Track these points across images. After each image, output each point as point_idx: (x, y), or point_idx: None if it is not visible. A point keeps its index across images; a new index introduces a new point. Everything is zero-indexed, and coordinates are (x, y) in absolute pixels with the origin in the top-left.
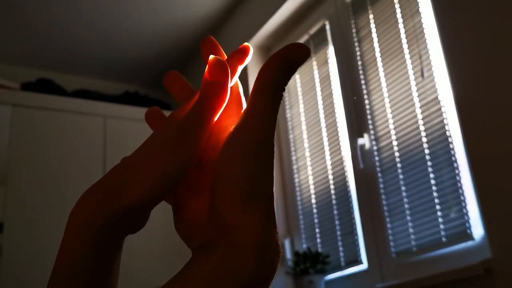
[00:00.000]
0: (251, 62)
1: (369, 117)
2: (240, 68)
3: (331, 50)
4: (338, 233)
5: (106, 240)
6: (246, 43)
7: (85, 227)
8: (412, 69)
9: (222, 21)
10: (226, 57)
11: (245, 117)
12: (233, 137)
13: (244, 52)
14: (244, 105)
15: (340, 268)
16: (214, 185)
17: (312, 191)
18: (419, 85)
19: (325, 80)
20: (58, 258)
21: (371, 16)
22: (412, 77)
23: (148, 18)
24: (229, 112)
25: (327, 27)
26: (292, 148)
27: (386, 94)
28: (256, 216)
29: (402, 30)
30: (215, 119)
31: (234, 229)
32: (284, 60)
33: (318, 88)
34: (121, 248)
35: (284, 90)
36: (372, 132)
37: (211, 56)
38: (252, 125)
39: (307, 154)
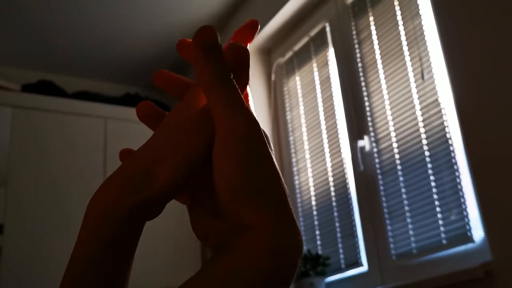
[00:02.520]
0: (252, 63)
1: (369, 119)
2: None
3: (331, 52)
4: (338, 235)
5: (128, 228)
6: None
7: (108, 216)
8: (412, 71)
9: (223, 23)
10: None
11: (215, 115)
12: (216, 139)
13: (254, 28)
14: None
15: (340, 270)
16: (217, 188)
17: (312, 193)
18: (419, 87)
19: (325, 82)
20: (78, 245)
21: (371, 18)
22: (412, 79)
23: (149, 20)
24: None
25: (327, 29)
26: (292, 150)
27: (386, 96)
28: (268, 213)
29: (402, 32)
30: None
31: (249, 228)
32: (204, 49)
33: (318, 90)
34: (140, 235)
35: (228, 75)
36: (372, 134)
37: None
38: (222, 121)
39: (307, 156)
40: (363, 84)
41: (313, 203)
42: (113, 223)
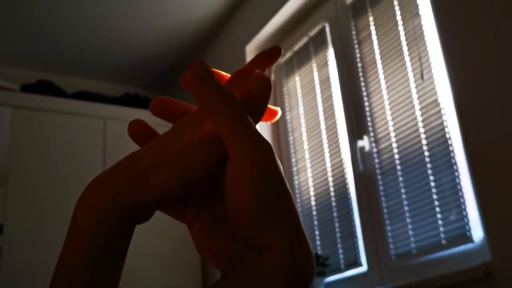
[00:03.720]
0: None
1: (368, 119)
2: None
3: (331, 52)
4: (338, 235)
5: (122, 230)
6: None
7: (102, 216)
8: (412, 71)
9: (222, 23)
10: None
11: (226, 141)
12: (230, 164)
13: (276, 54)
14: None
15: (340, 271)
16: (232, 212)
17: (312, 193)
18: (419, 87)
19: (325, 82)
20: (67, 246)
21: (371, 18)
22: (412, 79)
23: (148, 20)
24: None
25: (327, 29)
26: (292, 150)
27: (386, 96)
28: (285, 234)
29: (402, 32)
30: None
31: (266, 249)
32: (200, 81)
33: (318, 90)
34: (130, 238)
35: (226, 96)
36: (372, 134)
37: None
38: (234, 147)
39: (307, 156)
40: (362, 84)
41: (313, 203)
42: (108, 223)
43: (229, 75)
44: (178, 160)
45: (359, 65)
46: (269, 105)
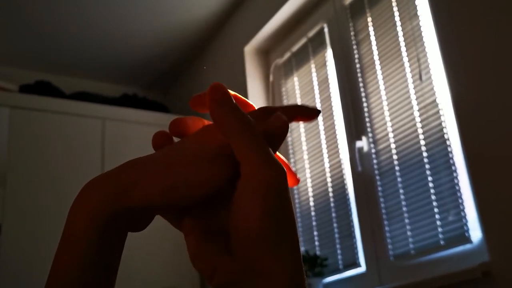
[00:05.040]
0: (250, 64)
1: (367, 119)
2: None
3: (329, 53)
4: (336, 236)
5: (111, 234)
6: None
7: (92, 218)
8: (410, 72)
9: (221, 23)
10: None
11: (242, 161)
12: (243, 184)
13: (311, 116)
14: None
15: (338, 271)
16: (235, 230)
17: (310, 194)
18: (417, 88)
19: (324, 82)
20: (61, 247)
21: (369, 19)
22: (410, 80)
23: (147, 21)
24: None
25: (326, 30)
26: (291, 151)
27: (384, 97)
28: (284, 261)
29: (400, 33)
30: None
31: (262, 273)
32: (219, 102)
33: (316, 91)
34: (123, 245)
35: (248, 122)
36: (370, 135)
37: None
38: (251, 168)
39: (305, 156)
40: (361, 85)
41: (311, 203)
42: (97, 226)
43: (250, 102)
44: (180, 174)
45: (358, 65)
46: (292, 171)
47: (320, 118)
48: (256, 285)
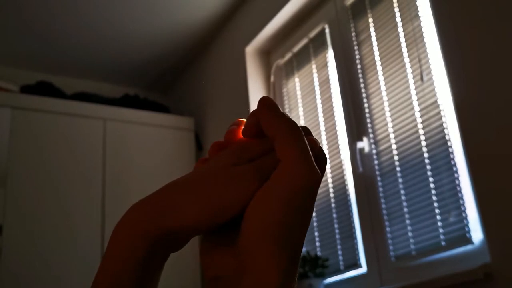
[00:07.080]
0: (251, 65)
1: (368, 120)
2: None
3: (330, 54)
4: (337, 236)
5: (155, 254)
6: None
7: (138, 240)
8: (412, 72)
9: (222, 24)
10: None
11: (283, 158)
12: (271, 185)
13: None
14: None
15: (339, 272)
16: (246, 227)
17: None
18: (419, 88)
19: (325, 83)
20: (105, 267)
21: (370, 20)
22: (411, 81)
23: (148, 21)
24: None
25: (327, 30)
26: None
27: (385, 98)
28: (281, 264)
29: (401, 34)
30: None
31: (257, 271)
32: (270, 106)
33: (317, 92)
34: (163, 265)
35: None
36: (371, 135)
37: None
38: (290, 167)
39: None
40: (362, 85)
41: None
42: (139, 246)
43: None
44: (216, 198)
45: (359, 66)
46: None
47: (321, 118)
48: (248, 280)
